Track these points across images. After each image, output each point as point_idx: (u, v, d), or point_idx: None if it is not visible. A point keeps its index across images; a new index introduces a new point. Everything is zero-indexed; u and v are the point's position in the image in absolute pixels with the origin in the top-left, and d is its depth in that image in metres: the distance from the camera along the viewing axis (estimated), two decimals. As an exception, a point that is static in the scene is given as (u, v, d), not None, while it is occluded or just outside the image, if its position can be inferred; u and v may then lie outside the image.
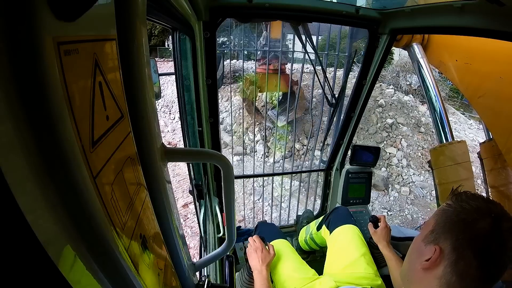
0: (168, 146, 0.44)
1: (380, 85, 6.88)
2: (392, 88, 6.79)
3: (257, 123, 5.86)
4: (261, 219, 1.96)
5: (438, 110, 1.36)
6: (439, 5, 0.89)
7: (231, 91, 5.81)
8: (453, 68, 1.29)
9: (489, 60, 1.13)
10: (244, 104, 4.82)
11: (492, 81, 1.12)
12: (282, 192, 4.11)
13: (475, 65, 1.18)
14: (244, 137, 5.71)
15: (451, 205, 0.62)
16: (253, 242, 1.17)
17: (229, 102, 5.80)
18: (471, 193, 0.63)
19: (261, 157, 5.41)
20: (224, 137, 5.67)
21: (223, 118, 6.30)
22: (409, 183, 5.22)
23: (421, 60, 1.35)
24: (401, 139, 5.74)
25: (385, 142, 5.73)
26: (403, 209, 4.80)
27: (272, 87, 4.49)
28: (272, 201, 2.76)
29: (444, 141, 1.34)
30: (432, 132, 5.89)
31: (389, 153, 5.55)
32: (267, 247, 1.16)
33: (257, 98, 5.96)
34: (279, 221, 2.71)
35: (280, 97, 5.32)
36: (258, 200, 4.33)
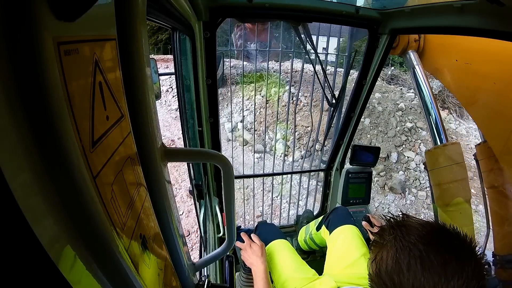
0: (169, 146, 0.44)
1: (401, 89, 6.86)
2: (412, 92, 6.73)
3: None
4: (261, 219, 1.96)
5: (433, 114, 1.39)
6: (439, 5, 0.89)
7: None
8: (450, 72, 1.30)
9: (489, 60, 1.13)
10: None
11: (491, 82, 1.12)
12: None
13: (475, 66, 1.18)
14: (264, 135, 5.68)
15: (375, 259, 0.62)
16: (241, 243, 1.18)
17: (251, 101, 5.72)
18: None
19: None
20: (245, 135, 5.63)
21: (244, 116, 6.26)
22: (426, 187, 5.16)
23: (416, 67, 1.40)
24: (420, 143, 5.69)
25: (403, 146, 5.69)
26: (419, 213, 4.76)
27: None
28: (272, 201, 2.76)
29: (439, 143, 1.36)
30: (452, 138, 5.85)
31: (408, 157, 5.50)
32: (252, 240, 1.17)
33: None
34: (279, 221, 2.71)
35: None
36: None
